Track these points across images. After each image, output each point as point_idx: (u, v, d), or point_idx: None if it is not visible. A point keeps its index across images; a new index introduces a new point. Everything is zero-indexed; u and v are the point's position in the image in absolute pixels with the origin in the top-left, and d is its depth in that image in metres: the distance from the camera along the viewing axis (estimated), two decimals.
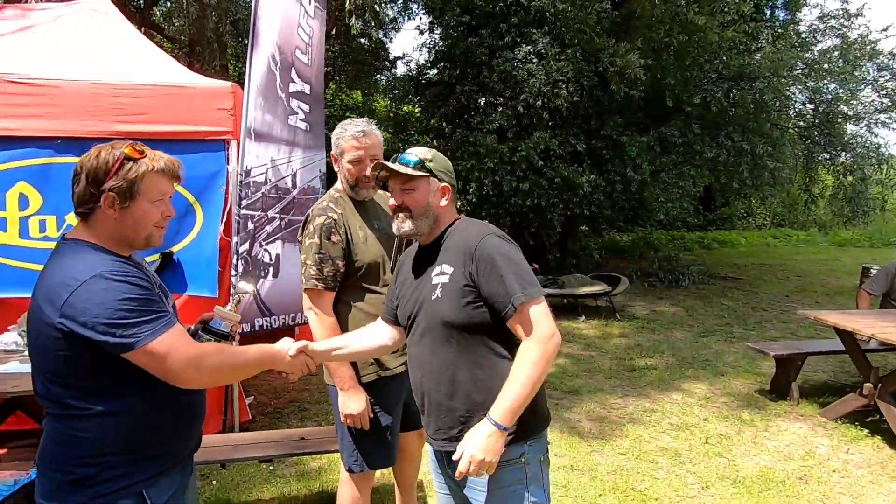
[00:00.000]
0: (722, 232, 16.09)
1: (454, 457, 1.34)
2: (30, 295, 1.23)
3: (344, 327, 1.91)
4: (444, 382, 1.43)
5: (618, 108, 8.42)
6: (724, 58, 7.76)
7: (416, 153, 1.48)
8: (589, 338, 5.87)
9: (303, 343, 1.53)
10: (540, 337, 1.32)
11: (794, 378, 3.95)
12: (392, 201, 1.50)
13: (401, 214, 1.48)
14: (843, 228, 14.88)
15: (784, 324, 6.49)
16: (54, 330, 1.14)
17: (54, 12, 3.88)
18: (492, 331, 1.39)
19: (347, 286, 1.93)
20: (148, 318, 1.17)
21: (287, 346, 1.46)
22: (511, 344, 1.40)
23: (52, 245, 3.29)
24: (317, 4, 3.70)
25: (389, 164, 1.48)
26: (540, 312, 1.34)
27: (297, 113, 3.32)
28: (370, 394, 1.91)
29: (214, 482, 2.85)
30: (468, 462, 1.29)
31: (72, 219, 3.08)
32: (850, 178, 9.00)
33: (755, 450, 3.28)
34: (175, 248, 3.04)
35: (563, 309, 7.01)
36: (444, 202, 1.49)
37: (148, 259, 3.14)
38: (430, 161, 1.48)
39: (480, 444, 1.29)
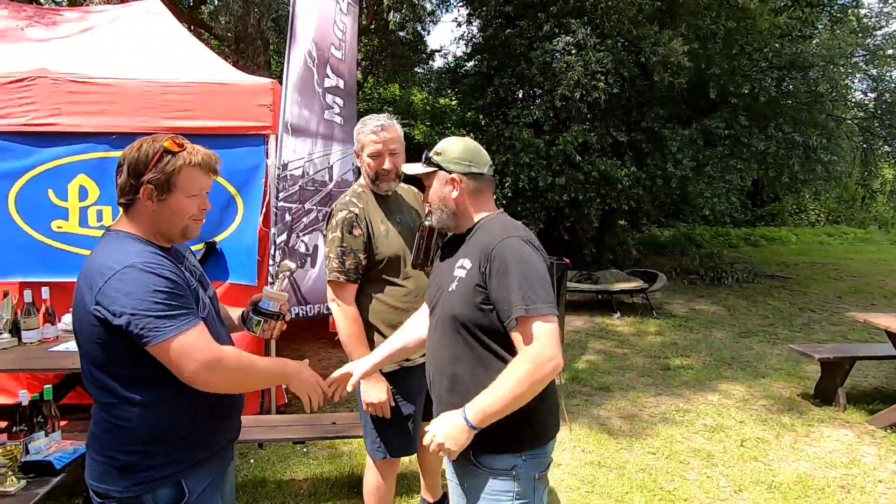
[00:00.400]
0: (771, 228, 15.35)
1: (426, 429, 1.35)
2: None
3: (365, 317, 1.98)
4: (446, 375, 1.44)
5: (660, 99, 8.15)
6: (776, 45, 7.36)
7: (437, 147, 1.49)
8: (623, 335, 5.77)
9: (346, 369, 1.58)
10: (534, 357, 1.26)
11: (841, 383, 3.77)
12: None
13: (427, 209, 1.54)
14: None
15: (834, 326, 6.18)
16: (91, 317, 1.19)
17: (111, 14, 4.13)
18: (499, 334, 1.35)
19: (369, 278, 1.99)
20: (173, 312, 1.19)
21: (302, 366, 1.42)
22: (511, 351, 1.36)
23: None
24: (350, 1, 3.78)
25: (407, 168, 1.59)
26: (544, 331, 1.27)
27: (332, 107, 3.41)
28: (392, 384, 1.97)
29: (252, 461, 3.00)
30: (430, 440, 1.31)
31: None
32: None
33: (794, 455, 3.17)
34: (218, 238, 3.20)
35: (598, 305, 6.90)
36: (454, 193, 1.44)
37: (192, 248, 3.34)
38: (438, 154, 1.47)
39: (446, 430, 1.29)
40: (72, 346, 2.66)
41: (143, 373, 1.23)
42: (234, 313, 1.67)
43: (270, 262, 3.18)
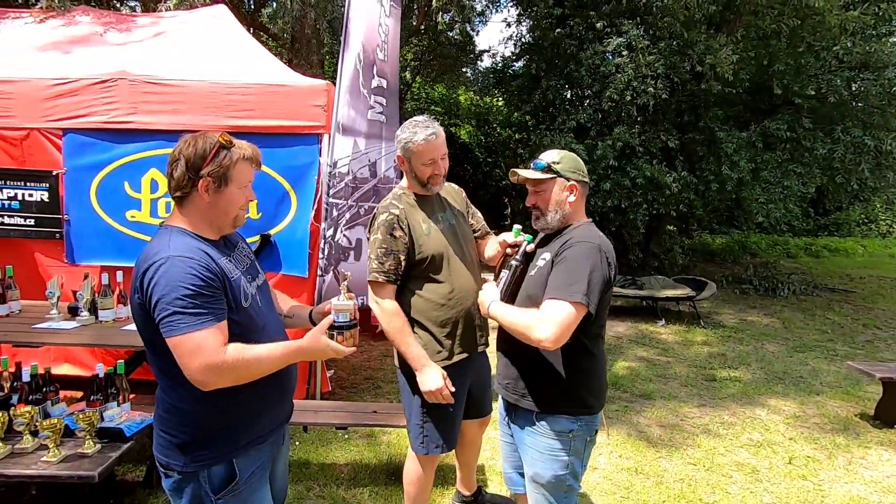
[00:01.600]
0: (835, 239, 14.46)
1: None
2: None
3: (406, 312, 2.04)
4: (516, 343, 1.64)
5: (715, 101, 7.85)
6: (847, 43, 6.93)
7: (545, 158, 1.72)
8: (667, 343, 5.62)
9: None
10: (539, 322, 1.52)
11: None
12: (528, 200, 1.76)
13: (534, 212, 1.75)
14: None
15: None
16: (138, 304, 1.29)
17: (181, 19, 4.42)
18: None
19: (412, 276, 2.05)
20: (193, 310, 1.24)
21: (312, 339, 1.43)
22: (581, 332, 1.58)
23: None
24: (392, 3, 3.88)
25: (520, 171, 1.72)
26: (562, 313, 1.51)
27: (375, 107, 3.54)
28: (462, 372, 2.07)
29: (297, 443, 3.16)
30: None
31: None
32: None
33: (847, 476, 3.02)
34: (272, 231, 3.38)
35: (642, 311, 6.75)
36: (571, 198, 1.70)
37: (252, 239, 3.54)
38: (557, 163, 1.70)
39: (480, 297, 1.78)
40: None
41: None
42: (288, 303, 1.78)
43: (320, 255, 3.33)
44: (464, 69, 13.15)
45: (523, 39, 9.78)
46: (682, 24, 7.04)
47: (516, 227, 1.90)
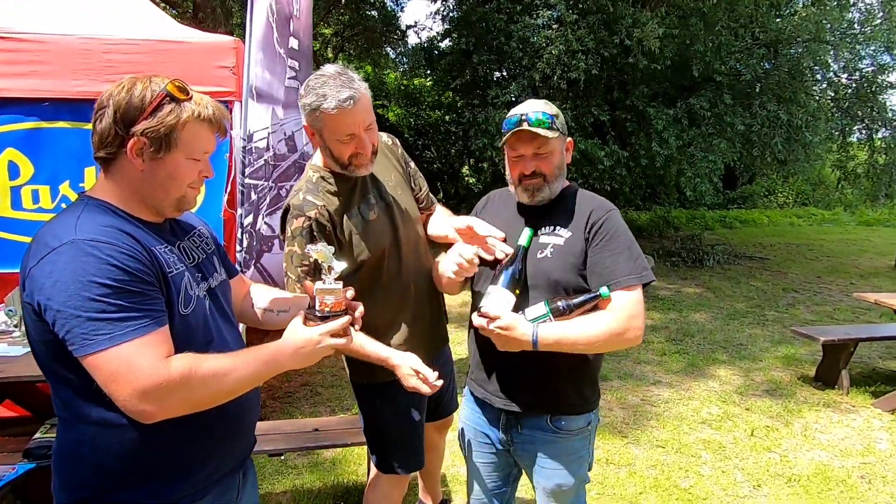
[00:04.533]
0: (743, 211, 15.58)
1: (488, 311, 1.30)
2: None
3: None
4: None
5: (643, 78, 7.96)
6: (762, 21, 7.22)
7: (545, 109, 1.36)
8: None
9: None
10: (628, 319, 1.30)
11: (845, 365, 3.66)
12: (526, 167, 1.37)
13: (534, 182, 1.38)
14: (869, 208, 14.31)
15: (818, 306, 6.16)
16: (27, 307, 0.92)
17: None
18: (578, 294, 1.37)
19: (349, 281, 1.49)
20: (113, 315, 0.88)
21: (294, 336, 1.05)
22: None
23: (46, 216, 3.02)
24: None
25: (533, 129, 1.32)
26: (638, 302, 1.33)
27: (288, 72, 2.97)
28: (398, 393, 1.61)
29: None
30: (487, 324, 1.28)
31: (66, 189, 2.85)
32: (880, 158, 8.44)
33: (807, 444, 3.01)
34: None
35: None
36: (568, 158, 1.45)
37: None
38: (557, 116, 1.38)
39: (510, 337, 1.28)
40: None
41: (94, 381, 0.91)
42: (265, 296, 1.33)
43: (237, 247, 2.79)
44: (389, 47, 12.57)
45: (451, 14, 9.40)
46: None
47: (527, 231, 1.39)
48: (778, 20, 7.39)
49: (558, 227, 1.40)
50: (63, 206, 2.80)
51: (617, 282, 1.31)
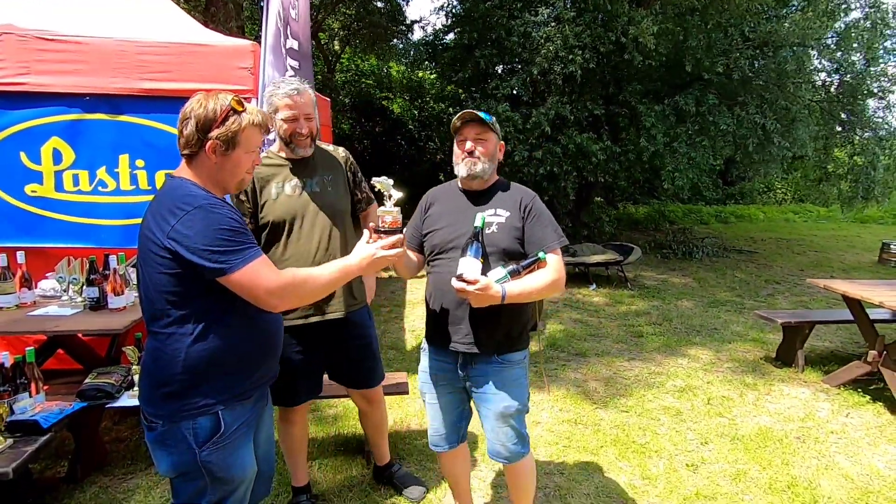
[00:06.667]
0: (740, 206, 15.85)
1: (469, 277, 1.64)
2: (66, 245, 1.40)
3: None
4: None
5: (636, 75, 8.24)
6: (753, 22, 7.47)
7: (483, 115, 1.81)
8: (598, 305, 5.95)
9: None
10: (560, 271, 1.78)
11: (801, 346, 4.01)
12: (467, 146, 1.81)
13: (472, 158, 1.82)
14: (855, 207, 14.53)
15: (796, 297, 6.49)
16: (163, 250, 1.29)
17: None
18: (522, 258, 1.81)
19: (259, 241, 2.01)
20: (240, 247, 1.31)
21: (359, 256, 1.54)
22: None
23: (86, 199, 3.39)
24: None
25: (478, 113, 1.79)
26: (558, 256, 1.81)
27: (289, 70, 3.33)
28: (296, 337, 2.04)
29: None
30: (476, 287, 1.61)
31: (102, 173, 3.21)
32: (859, 159, 8.68)
33: (755, 411, 3.38)
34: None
35: (575, 277, 7.07)
36: (499, 156, 1.89)
37: None
38: (494, 123, 1.87)
39: (488, 293, 1.63)
40: (51, 310, 2.63)
41: (202, 306, 1.35)
42: None
43: None
44: (395, 41, 12.82)
45: (454, 10, 9.67)
46: None
47: (480, 215, 1.75)
48: (767, 22, 7.63)
49: (498, 209, 1.83)
50: (100, 188, 3.20)
51: (549, 246, 1.78)
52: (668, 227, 11.98)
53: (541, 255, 1.74)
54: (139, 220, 3.32)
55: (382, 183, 1.62)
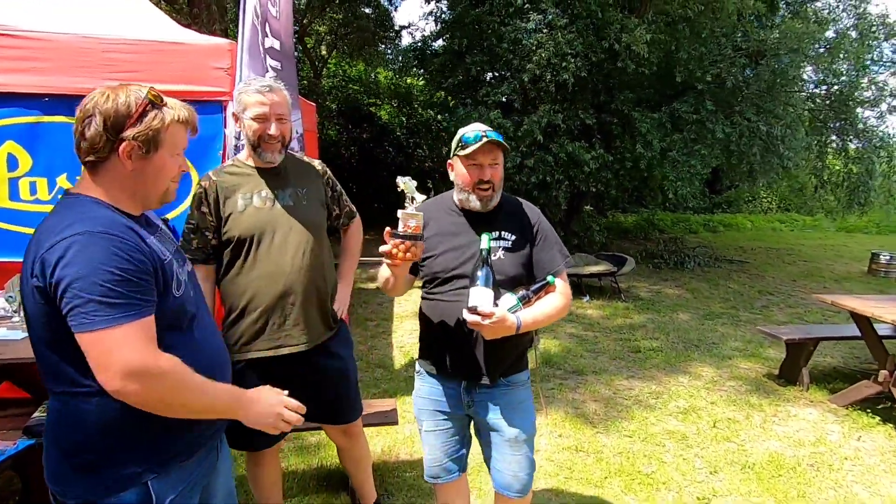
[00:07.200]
0: (727, 215, 15.92)
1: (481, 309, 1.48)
2: (20, 259, 1.11)
3: (222, 297, 1.83)
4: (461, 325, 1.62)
5: (629, 83, 8.16)
6: (745, 30, 7.45)
7: (489, 130, 1.61)
8: (593, 318, 5.78)
9: None
10: (567, 296, 1.68)
11: (805, 363, 3.87)
12: (485, 174, 1.60)
13: (486, 193, 1.63)
14: (851, 215, 14.67)
15: (791, 308, 6.40)
16: (37, 291, 1.03)
17: None
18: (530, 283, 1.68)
19: (223, 258, 1.79)
20: (114, 301, 0.99)
21: (261, 392, 1.23)
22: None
23: (45, 208, 3.11)
24: None
25: (497, 141, 1.58)
26: (565, 280, 1.70)
27: (269, 71, 3.09)
28: (267, 370, 1.80)
29: None
30: (476, 320, 1.47)
31: (63, 181, 2.95)
32: (854, 167, 8.73)
33: (764, 435, 3.21)
34: (170, 216, 2.91)
35: None
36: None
37: None
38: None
39: (503, 325, 1.49)
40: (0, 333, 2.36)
41: None
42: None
43: None
44: (383, 46, 12.66)
45: (444, 15, 9.54)
46: (598, 4, 7.19)
47: (485, 237, 1.58)
48: (760, 31, 7.61)
49: (503, 232, 1.67)
50: (60, 197, 2.93)
51: (556, 270, 1.67)
52: (658, 237, 11.93)
53: (550, 279, 1.61)
54: None
55: (406, 183, 1.47)
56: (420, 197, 1.46)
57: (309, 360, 1.87)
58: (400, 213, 1.43)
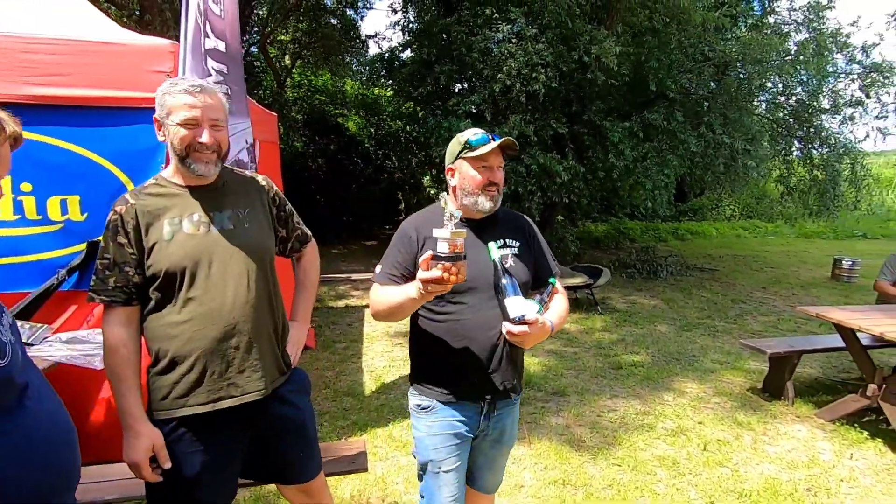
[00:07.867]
0: (693, 223, 16.22)
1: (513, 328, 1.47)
2: None
3: (148, 339, 1.51)
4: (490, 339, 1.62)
5: (599, 93, 8.15)
6: (710, 40, 7.55)
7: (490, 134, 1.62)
8: (571, 333, 5.61)
9: None
10: (566, 295, 1.75)
11: (790, 377, 3.77)
12: (495, 176, 1.61)
13: (493, 191, 1.61)
14: (809, 221, 15.16)
15: (764, 316, 6.40)
16: None
17: None
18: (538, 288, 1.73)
19: (150, 294, 1.47)
20: None
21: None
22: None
23: None
24: None
25: (512, 140, 1.59)
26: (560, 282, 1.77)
27: (212, 74, 2.78)
28: (209, 427, 1.51)
29: None
30: (521, 332, 1.45)
31: None
32: (819, 173, 8.97)
33: (757, 457, 3.06)
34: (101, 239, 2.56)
35: None
36: None
37: (75, 248, 2.68)
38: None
39: (543, 329, 1.50)
40: None
41: None
42: None
43: None
44: (349, 56, 12.40)
45: (411, 25, 9.38)
46: (567, 15, 7.16)
47: (492, 245, 1.59)
48: (723, 42, 7.73)
49: (508, 240, 1.67)
50: None
51: (555, 273, 1.75)
52: (629, 246, 11.98)
53: (552, 281, 1.69)
54: (25, 258, 2.68)
55: (445, 199, 1.45)
56: (457, 212, 1.37)
57: (259, 411, 1.58)
58: (446, 232, 1.32)
